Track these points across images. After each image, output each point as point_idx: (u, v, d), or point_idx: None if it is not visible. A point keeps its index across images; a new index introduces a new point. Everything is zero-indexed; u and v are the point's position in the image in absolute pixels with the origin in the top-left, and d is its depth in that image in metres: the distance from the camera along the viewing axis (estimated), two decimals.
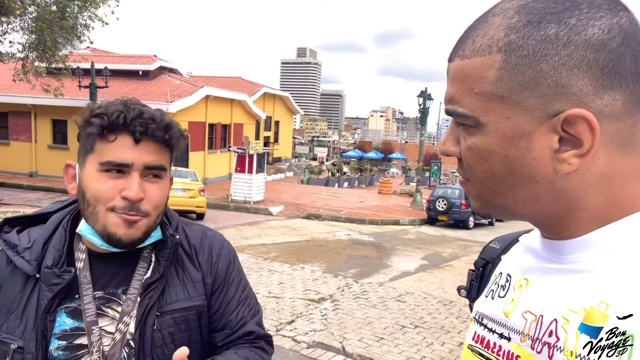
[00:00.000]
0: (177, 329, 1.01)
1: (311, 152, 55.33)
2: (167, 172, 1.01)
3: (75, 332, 0.95)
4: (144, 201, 0.96)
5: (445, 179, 32.66)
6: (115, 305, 0.98)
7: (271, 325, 5.45)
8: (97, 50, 22.75)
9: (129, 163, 0.94)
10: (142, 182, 0.96)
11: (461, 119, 0.58)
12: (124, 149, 0.94)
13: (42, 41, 14.01)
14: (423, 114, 20.08)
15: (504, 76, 0.53)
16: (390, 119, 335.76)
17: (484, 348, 0.65)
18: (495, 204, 0.60)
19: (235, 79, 33.35)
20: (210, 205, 15.62)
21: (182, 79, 21.25)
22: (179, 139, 1.01)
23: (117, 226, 0.94)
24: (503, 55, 0.53)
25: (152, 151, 0.96)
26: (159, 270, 1.01)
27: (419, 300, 7.02)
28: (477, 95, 0.55)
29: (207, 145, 21.39)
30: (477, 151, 0.57)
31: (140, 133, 0.94)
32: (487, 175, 0.57)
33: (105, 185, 0.94)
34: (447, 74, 0.61)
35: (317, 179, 29.73)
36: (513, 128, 0.54)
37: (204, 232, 1.15)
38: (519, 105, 0.53)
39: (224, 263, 1.11)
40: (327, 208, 16.56)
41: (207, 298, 1.06)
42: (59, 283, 0.95)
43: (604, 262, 0.53)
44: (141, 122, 0.94)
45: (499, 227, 17.33)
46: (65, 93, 15.58)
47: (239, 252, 9.16)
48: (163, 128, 0.97)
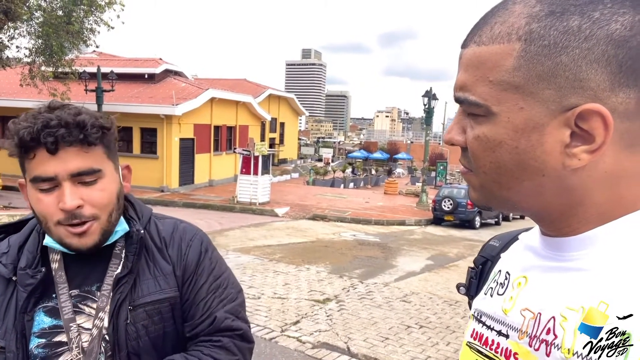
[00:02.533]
0: (150, 321, 1.03)
1: (316, 153, 55.30)
2: (105, 170, 0.99)
3: (54, 329, 0.99)
4: (86, 206, 0.95)
5: (452, 179, 32.58)
6: (90, 302, 1.02)
7: (276, 326, 5.47)
8: (103, 54, 22.88)
9: (52, 176, 0.93)
10: (78, 188, 0.95)
11: (471, 108, 0.56)
12: (43, 163, 0.93)
13: (48, 46, 14.15)
14: (428, 114, 20.03)
15: (522, 65, 0.52)
16: (396, 119, 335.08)
17: (482, 345, 0.65)
18: (498, 196, 0.59)
19: (240, 81, 33.44)
20: (216, 207, 15.69)
21: (187, 82, 21.33)
22: (100, 132, 0.96)
23: (69, 237, 0.97)
24: (523, 44, 0.52)
25: (74, 157, 0.93)
26: (127, 265, 1.04)
27: (424, 300, 7.01)
28: (491, 84, 0.54)
29: (212, 147, 21.45)
30: (486, 141, 0.56)
31: (52, 143, 0.91)
32: (494, 167, 0.56)
33: (43, 202, 0.95)
34: (459, 61, 0.59)
35: (323, 179, 29.73)
36: (526, 119, 0.53)
37: (176, 224, 1.15)
38: (534, 96, 0.52)
39: (194, 253, 1.11)
40: (333, 209, 16.56)
41: (180, 289, 1.08)
42: (32, 283, 0.99)
43: (603, 261, 0.53)
44: (48, 132, 0.91)
45: (505, 227, 17.25)
46: (72, 97, 15.68)
47: (245, 253, 9.21)
48: (76, 130, 0.93)
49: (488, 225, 17.09)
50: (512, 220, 19.35)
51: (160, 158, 18.44)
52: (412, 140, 72.95)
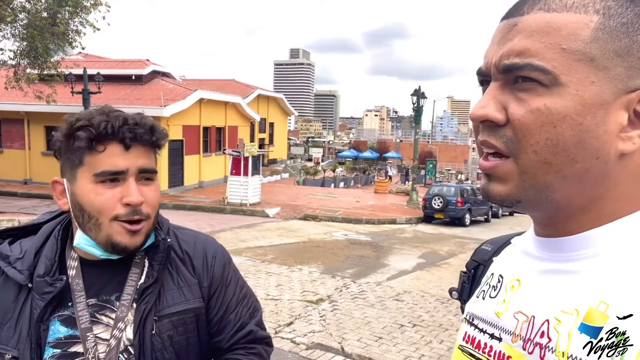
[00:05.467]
0: (175, 332, 1.02)
1: (306, 153, 55.24)
2: (157, 174, 1.04)
3: (70, 339, 0.96)
4: (144, 204, 0.98)
5: (441, 177, 32.75)
6: (109, 312, 0.99)
7: (270, 328, 5.45)
8: (89, 56, 22.65)
9: (124, 169, 0.95)
10: (138, 186, 0.98)
11: (535, 74, 0.52)
12: (116, 157, 0.95)
13: (33, 48, 13.95)
14: (417, 113, 20.10)
15: (600, 38, 0.51)
16: (385, 118, 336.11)
17: (474, 348, 0.64)
18: (539, 183, 0.54)
19: (228, 82, 33.30)
20: (206, 208, 15.60)
21: (175, 83, 21.17)
22: (164, 139, 1.03)
23: (122, 235, 0.96)
24: (601, 17, 0.51)
25: (142, 155, 0.99)
26: (152, 274, 1.02)
27: (416, 298, 7.03)
28: (564, 52, 0.51)
29: (202, 148, 21.33)
30: (548, 114, 0.51)
31: (130, 139, 0.95)
32: (550, 144, 0.52)
33: (104, 196, 0.95)
34: (510, 28, 0.55)
35: (313, 179, 29.72)
36: (596, 94, 0.50)
37: (196, 236, 1.16)
38: (606, 71, 0.50)
39: (219, 266, 1.12)
40: (324, 209, 16.56)
41: (205, 301, 1.08)
42: (51, 291, 0.96)
43: (602, 261, 0.52)
44: (128, 128, 0.95)
45: (495, 224, 17.40)
46: (57, 99, 15.52)
47: (236, 255, 9.16)
48: (149, 131, 0.99)
49: (478, 223, 17.21)
50: (501, 217, 19.53)
51: None
52: (401, 139, 73.06)
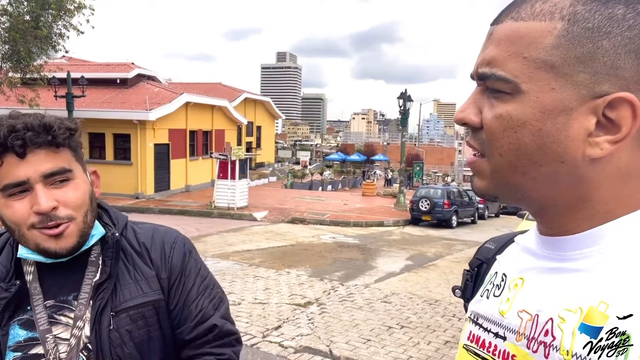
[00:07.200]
0: (134, 326, 1.02)
1: (294, 157, 55.27)
2: (76, 171, 0.99)
3: (29, 342, 0.97)
4: (60, 208, 0.95)
5: (428, 179, 32.96)
6: (67, 311, 1.00)
7: (258, 332, 5.42)
8: (73, 59, 22.36)
9: (24, 179, 0.92)
10: (51, 190, 0.94)
11: (498, 84, 0.54)
12: (14, 169, 0.92)
13: (15, 51, 13.77)
14: (404, 116, 20.23)
15: (562, 45, 0.51)
16: (372, 121, 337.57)
17: (479, 347, 0.64)
18: (510, 183, 0.56)
19: (215, 85, 33.18)
20: (193, 212, 15.50)
21: (161, 86, 21.03)
22: (67, 133, 0.96)
23: (46, 241, 0.95)
24: (565, 24, 0.51)
25: (44, 159, 0.93)
26: (105, 270, 1.02)
27: (404, 300, 7.05)
28: (525, 60, 0.52)
29: (188, 152, 21.19)
30: (509, 120, 0.54)
31: (20, 147, 0.91)
32: (512, 148, 0.54)
33: (14, 208, 0.93)
34: (488, 37, 0.58)
35: (301, 182, 29.71)
36: (555, 101, 0.51)
37: (155, 228, 1.15)
38: (567, 78, 0.51)
39: (178, 255, 1.10)
40: (311, 212, 16.55)
41: (165, 293, 1.07)
42: (6, 297, 0.97)
43: (604, 260, 0.52)
44: (15, 136, 0.90)
45: (481, 225, 17.55)
46: (41, 104, 15.26)
47: (224, 259, 9.11)
48: (43, 132, 0.93)
49: (465, 224, 17.34)
50: (487, 219, 19.70)
51: (134, 164, 18.10)
52: (388, 142, 73.45)
